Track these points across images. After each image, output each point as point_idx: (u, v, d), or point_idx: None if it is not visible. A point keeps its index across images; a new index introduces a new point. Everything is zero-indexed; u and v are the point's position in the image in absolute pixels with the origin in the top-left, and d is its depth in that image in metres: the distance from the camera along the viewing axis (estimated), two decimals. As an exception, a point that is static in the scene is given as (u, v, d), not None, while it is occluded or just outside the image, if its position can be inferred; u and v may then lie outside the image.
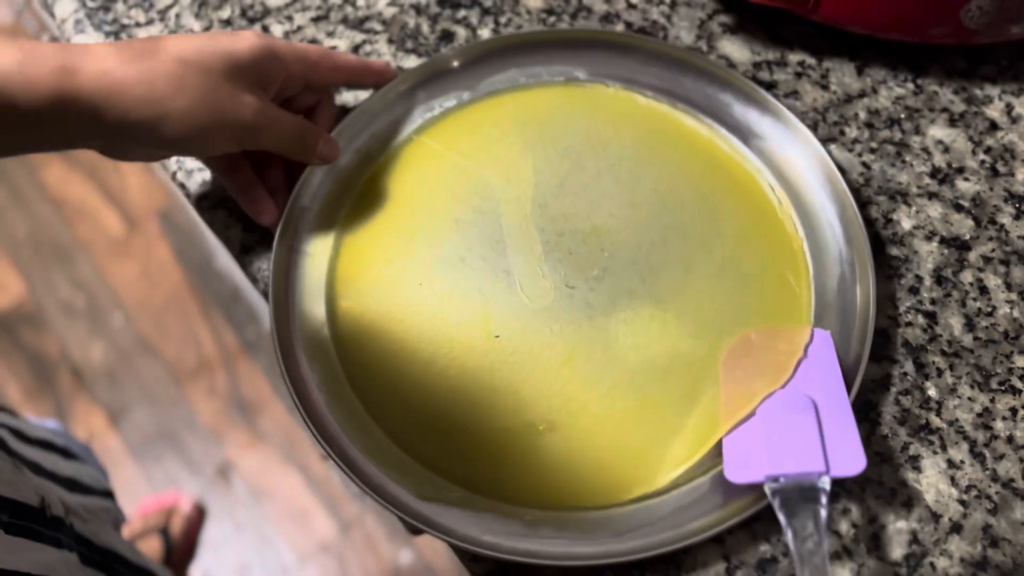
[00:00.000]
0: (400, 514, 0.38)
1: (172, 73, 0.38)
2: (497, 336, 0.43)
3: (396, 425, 0.42)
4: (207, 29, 0.54)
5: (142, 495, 1.25)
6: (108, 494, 0.63)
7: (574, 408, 0.42)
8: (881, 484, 0.40)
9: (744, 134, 0.48)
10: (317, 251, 0.46)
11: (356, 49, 0.53)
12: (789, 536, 0.35)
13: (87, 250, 1.47)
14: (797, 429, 0.38)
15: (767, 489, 0.37)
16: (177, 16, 0.54)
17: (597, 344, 0.43)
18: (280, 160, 0.47)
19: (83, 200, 1.51)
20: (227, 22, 0.54)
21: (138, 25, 0.54)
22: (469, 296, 0.44)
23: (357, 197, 0.48)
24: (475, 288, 0.45)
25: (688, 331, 0.43)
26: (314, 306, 0.45)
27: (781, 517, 0.36)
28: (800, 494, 0.36)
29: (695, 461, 0.40)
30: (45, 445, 0.58)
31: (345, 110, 0.51)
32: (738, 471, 0.38)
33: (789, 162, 0.47)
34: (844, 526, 0.39)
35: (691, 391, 0.42)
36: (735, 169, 0.48)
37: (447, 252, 0.46)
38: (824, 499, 0.36)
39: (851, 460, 0.37)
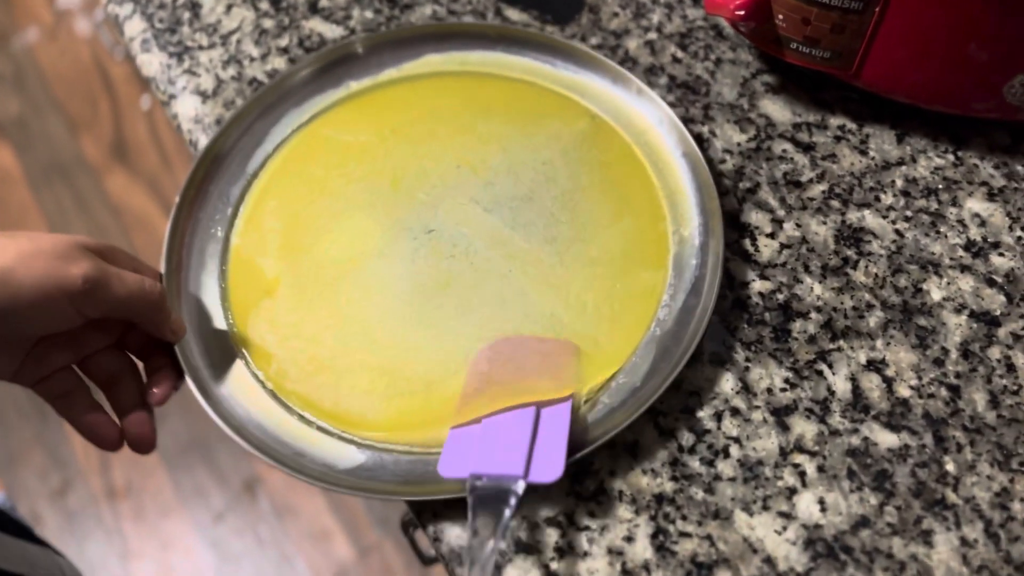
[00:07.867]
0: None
1: None
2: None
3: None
4: (265, 57, 0.56)
5: (170, 503, 1.27)
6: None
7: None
8: (891, 557, 0.40)
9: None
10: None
11: (405, 84, 0.54)
12: (469, 532, 0.37)
13: (142, 259, 1.51)
14: (511, 431, 0.41)
15: (467, 485, 0.39)
16: (238, 42, 0.56)
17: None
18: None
19: (142, 209, 1.56)
20: (284, 50, 0.56)
21: (201, 48, 0.56)
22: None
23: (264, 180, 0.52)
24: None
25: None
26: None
27: (470, 513, 0.38)
28: (495, 495, 0.38)
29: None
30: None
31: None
32: (450, 466, 0.41)
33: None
34: (848, 596, 0.39)
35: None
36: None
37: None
38: (513, 501, 0.38)
39: (550, 469, 0.39)
